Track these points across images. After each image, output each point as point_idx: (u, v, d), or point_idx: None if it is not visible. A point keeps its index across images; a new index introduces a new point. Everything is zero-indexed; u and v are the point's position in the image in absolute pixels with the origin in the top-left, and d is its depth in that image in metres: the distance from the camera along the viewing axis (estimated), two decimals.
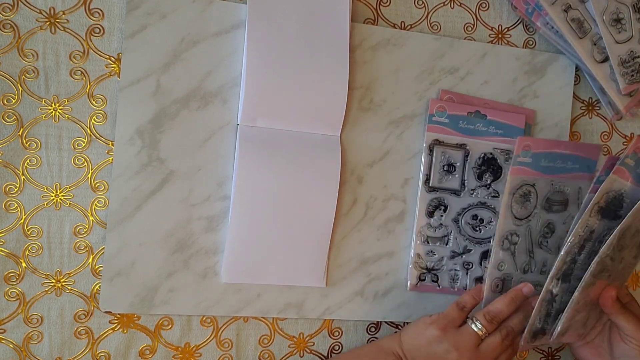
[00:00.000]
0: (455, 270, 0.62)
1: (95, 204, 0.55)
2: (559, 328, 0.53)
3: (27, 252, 0.54)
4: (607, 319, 0.56)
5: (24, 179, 0.54)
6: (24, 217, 0.53)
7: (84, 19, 0.55)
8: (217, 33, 0.57)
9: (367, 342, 0.62)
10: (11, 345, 0.53)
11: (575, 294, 0.51)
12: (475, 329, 0.52)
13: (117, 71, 0.55)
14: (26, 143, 0.54)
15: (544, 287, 0.53)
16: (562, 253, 0.52)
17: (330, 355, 0.61)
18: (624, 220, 0.50)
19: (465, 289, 0.62)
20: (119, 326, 0.56)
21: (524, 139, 0.58)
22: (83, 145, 0.55)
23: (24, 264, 0.54)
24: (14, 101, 0.53)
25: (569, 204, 0.61)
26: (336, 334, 0.61)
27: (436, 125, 0.61)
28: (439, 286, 0.62)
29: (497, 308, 0.54)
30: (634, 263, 0.55)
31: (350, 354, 0.58)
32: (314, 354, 0.61)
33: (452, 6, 0.64)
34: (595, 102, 0.69)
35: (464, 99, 0.63)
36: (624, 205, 0.53)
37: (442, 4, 0.64)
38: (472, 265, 0.62)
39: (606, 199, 0.53)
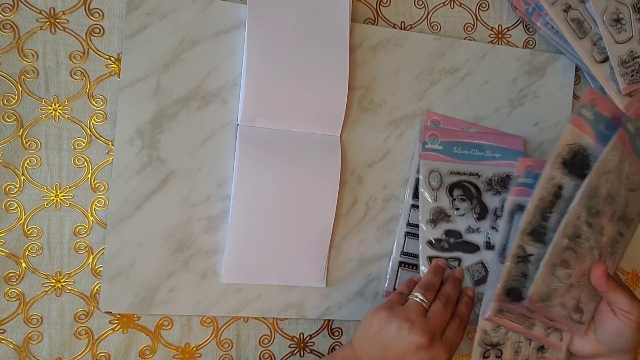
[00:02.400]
0: (519, 342, 0.58)
1: (95, 204, 0.55)
2: (531, 287, 0.52)
3: (27, 253, 0.54)
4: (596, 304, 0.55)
5: (24, 179, 0.54)
6: (24, 218, 0.53)
7: (84, 19, 0.55)
8: (217, 33, 0.57)
9: None
10: (11, 346, 0.53)
11: (548, 251, 0.51)
12: (417, 299, 0.53)
13: (117, 71, 0.55)
14: (26, 143, 0.54)
15: (515, 241, 0.52)
16: (528, 207, 0.52)
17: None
18: (589, 175, 0.49)
19: None
20: (119, 326, 0.56)
21: (526, 160, 0.57)
22: (83, 145, 0.55)
23: (24, 264, 0.54)
24: (14, 101, 0.53)
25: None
26: (336, 334, 0.61)
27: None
28: None
29: (427, 279, 0.56)
30: (623, 241, 0.55)
31: None
32: (314, 354, 0.61)
33: (452, 6, 0.65)
34: None
35: (450, 121, 0.62)
36: (590, 165, 0.53)
37: (442, 4, 0.64)
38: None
39: (569, 151, 0.52)
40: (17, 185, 0.53)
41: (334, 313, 0.60)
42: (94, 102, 0.55)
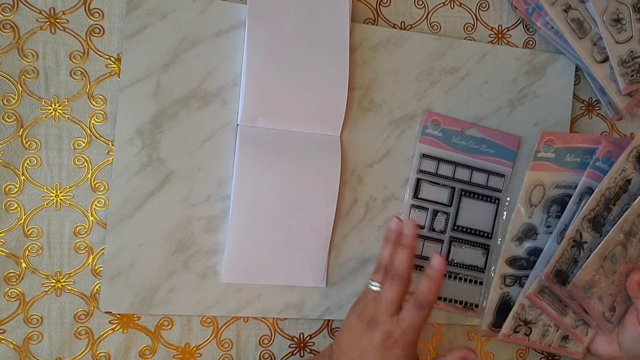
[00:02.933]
0: (548, 326, 0.59)
1: (95, 204, 0.55)
2: (578, 273, 0.52)
3: (27, 253, 0.54)
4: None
5: (24, 179, 0.54)
6: (24, 218, 0.53)
7: (84, 19, 0.55)
8: (217, 33, 0.57)
9: None
10: (11, 346, 0.53)
11: (602, 241, 0.51)
12: (371, 287, 0.52)
13: (117, 71, 0.55)
14: (26, 143, 0.54)
15: (574, 225, 0.52)
16: (594, 193, 0.52)
17: None
18: None
19: (551, 346, 0.59)
20: (119, 326, 0.56)
21: (607, 144, 0.57)
22: (83, 145, 0.55)
23: (24, 264, 0.54)
24: (14, 101, 0.53)
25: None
26: (336, 334, 0.61)
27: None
28: (528, 339, 0.59)
29: (379, 255, 0.53)
30: None
31: None
32: (314, 354, 0.61)
33: (452, 6, 0.65)
34: (595, 102, 0.69)
35: (451, 121, 0.63)
36: None
37: (442, 4, 0.64)
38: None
39: None
40: (17, 185, 0.53)
41: (334, 313, 0.60)
42: (94, 102, 0.55)
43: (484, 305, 0.61)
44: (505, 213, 0.64)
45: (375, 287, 0.52)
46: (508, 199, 0.64)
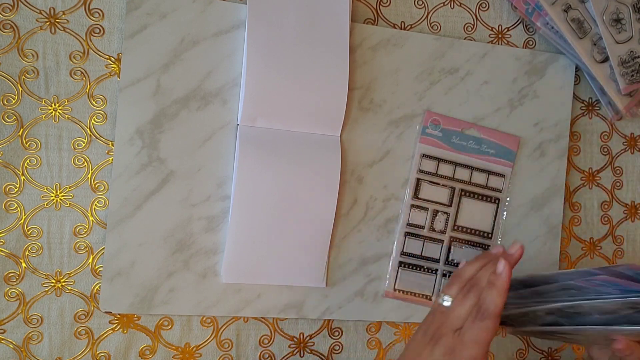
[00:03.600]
0: None
1: (95, 204, 0.55)
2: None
3: (27, 253, 0.54)
4: None
5: (24, 179, 0.54)
6: (24, 218, 0.53)
7: (84, 19, 0.55)
8: (217, 33, 0.57)
9: (367, 343, 0.62)
10: (11, 346, 0.53)
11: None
12: (442, 302, 0.47)
13: (117, 71, 0.55)
14: (26, 143, 0.54)
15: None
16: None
17: (331, 355, 0.61)
18: None
19: None
20: (119, 326, 0.56)
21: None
22: (83, 145, 0.55)
23: (24, 264, 0.54)
24: (14, 101, 0.53)
25: None
26: (336, 334, 0.61)
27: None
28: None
29: (462, 270, 0.49)
30: None
31: None
32: (314, 354, 0.61)
33: (452, 6, 0.65)
34: (595, 102, 0.69)
35: (451, 121, 0.63)
36: None
37: (442, 4, 0.64)
38: None
39: None
40: (17, 185, 0.53)
41: (334, 313, 0.60)
42: (94, 102, 0.55)
43: None
44: (505, 213, 0.64)
45: (447, 301, 0.47)
46: (508, 198, 0.64)
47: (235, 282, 0.57)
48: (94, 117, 0.55)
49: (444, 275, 0.63)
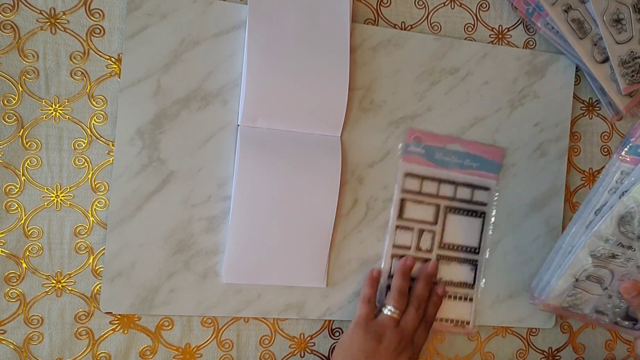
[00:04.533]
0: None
1: (96, 205, 0.55)
2: (548, 291, 0.55)
3: (27, 253, 0.54)
4: None
5: (24, 179, 0.53)
6: (24, 218, 0.53)
7: (85, 20, 0.55)
8: (217, 34, 0.57)
9: None
10: (11, 346, 0.53)
11: (568, 262, 0.52)
12: (389, 313, 0.57)
13: (118, 72, 0.55)
14: (26, 144, 0.54)
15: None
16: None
17: (331, 356, 0.61)
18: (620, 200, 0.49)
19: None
20: (119, 327, 0.56)
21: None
22: (83, 145, 0.55)
23: (24, 265, 0.54)
24: (14, 102, 0.53)
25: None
26: (337, 334, 0.61)
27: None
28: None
29: (397, 285, 0.58)
30: None
31: None
32: (314, 354, 0.61)
33: (453, 6, 0.65)
34: (595, 103, 0.69)
35: (432, 137, 0.62)
36: None
37: (443, 5, 0.64)
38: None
39: None
40: (18, 186, 0.53)
41: (335, 313, 0.60)
42: (94, 103, 0.55)
43: (474, 321, 0.63)
44: (492, 227, 0.64)
45: (394, 313, 0.57)
46: (494, 212, 0.64)
47: (236, 283, 0.57)
48: (95, 117, 0.55)
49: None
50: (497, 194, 0.64)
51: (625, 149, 0.51)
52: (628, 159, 0.51)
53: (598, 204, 0.52)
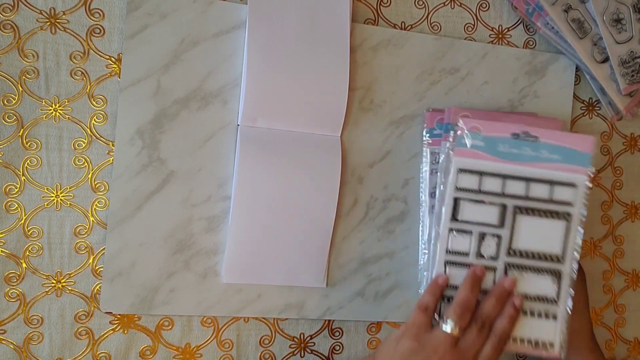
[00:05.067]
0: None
1: (96, 205, 0.55)
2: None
3: (27, 253, 0.54)
4: None
5: (24, 179, 0.53)
6: (24, 218, 0.53)
7: (84, 20, 0.55)
8: (217, 33, 0.57)
9: (367, 343, 0.62)
10: (11, 346, 0.53)
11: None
12: (448, 329, 0.48)
13: (118, 71, 0.55)
14: (26, 143, 0.54)
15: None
16: None
17: (331, 356, 0.61)
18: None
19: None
20: (119, 327, 0.56)
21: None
22: (83, 145, 0.55)
23: (24, 265, 0.54)
24: (14, 101, 0.53)
25: None
26: (337, 334, 0.61)
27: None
28: None
29: (462, 298, 0.50)
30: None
31: None
32: (314, 354, 0.61)
33: (453, 6, 0.65)
34: (595, 103, 0.69)
35: (492, 127, 0.52)
36: None
37: (443, 4, 0.64)
38: None
39: None
40: (18, 186, 0.53)
41: (335, 313, 0.60)
42: (94, 103, 0.55)
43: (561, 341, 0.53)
44: (581, 229, 0.53)
45: (453, 329, 0.49)
46: (584, 212, 0.53)
47: (236, 283, 0.57)
48: (95, 117, 0.55)
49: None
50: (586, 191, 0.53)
51: (426, 136, 0.60)
52: (431, 142, 0.59)
53: (428, 187, 0.60)
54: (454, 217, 0.53)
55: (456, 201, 0.52)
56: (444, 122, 0.60)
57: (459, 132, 0.52)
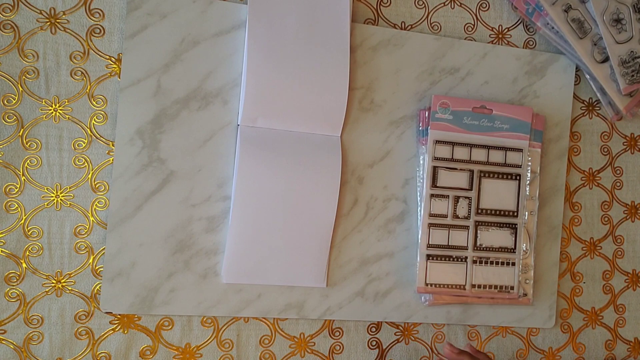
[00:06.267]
0: None
1: (96, 205, 0.55)
2: None
3: (27, 253, 0.54)
4: None
5: (24, 179, 0.53)
6: (24, 218, 0.53)
7: (85, 20, 0.55)
8: (217, 33, 0.57)
9: (367, 343, 0.62)
10: (11, 346, 0.53)
11: None
12: None
13: (118, 71, 0.55)
14: (26, 143, 0.54)
15: None
16: None
17: (331, 356, 0.61)
18: None
19: None
20: (119, 327, 0.56)
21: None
22: (83, 145, 0.55)
23: (24, 265, 0.54)
24: (14, 101, 0.53)
25: None
26: (337, 334, 0.61)
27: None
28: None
29: None
30: None
31: None
32: (314, 354, 0.61)
33: (453, 6, 0.65)
34: (595, 102, 0.69)
35: (458, 102, 0.62)
36: None
37: (443, 4, 0.64)
38: None
39: None
40: (18, 186, 0.53)
41: (335, 313, 0.60)
42: (94, 102, 0.55)
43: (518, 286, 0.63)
44: (528, 188, 0.63)
45: None
46: (529, 172, 0.63)
47: (236, 283, 0.57)
48: (95, 117, 0.55)
49: (474, 261, 0.62)
50: (529, 155, 0.63)
51: (420, 135, 0.62)
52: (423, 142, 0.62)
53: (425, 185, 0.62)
54: (434, 184, 0.61)
55: (434, 169, 0.61)
56: (431, 110, 0.62)
57: (432, 109, 0.61)
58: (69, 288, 0.55)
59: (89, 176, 0.55)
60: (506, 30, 0.66)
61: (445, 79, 0.63)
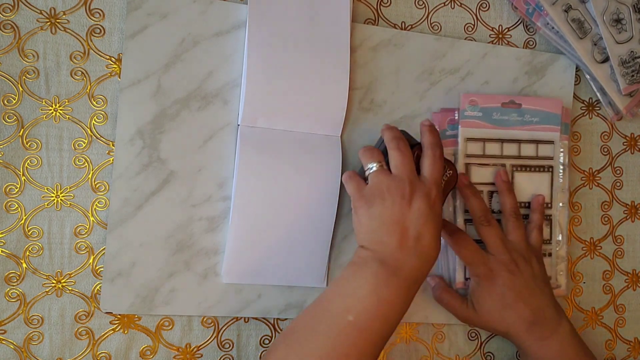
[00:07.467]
0: None
1: (96, 205, 0.55)
2: None
3: (27, 253, 0.54)
4: None
5: (24, 179, 0.53)
6: (24, 218, 0.53)
7: (85, 20, 0.55)
8: (217, 33, 0.57)
9: None
10: (12, 346, 0.53)
11: None
12: (373, 170, 0.52)
13: (118, 71, 0.55)
14: (27, 143, 0.54)
15: None
16: None
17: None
18: None
19: None
20: (119, 327, 0.56)
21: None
22: (84, 145, 0.55)
23: (24, 265, 0.54)
24: (14, 102, 0.53)
25: None
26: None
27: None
28: None
29: (365, 149, 0.54)
30: None
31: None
32: None
33: (453, 6, 0.65)
34: (595, 103, 0.69)
35: (486, 99, 0.62)
36: None
37: (443, 4, 0.64)
38: None
39: None
40: (18, 186, 0.53)
41: None
42: (94, 103, 0.55)
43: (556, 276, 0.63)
44: (561, 179, 0.64)
45: (374, 166, 0.52)
46: (561, 164, 0.64)
47: (236, 283, 0.57)
48: (95, 117, 0.55)
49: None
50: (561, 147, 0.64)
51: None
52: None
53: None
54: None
55: (467, 167, 0.61)
56: (461, 108, 0.62)
57: (461, 107, 0.61)
58: (69, 288, 0.55)
59: (89, 176, 0.55)
60: (506, 30, 0.66)
61: (445, 79, 0.63)
